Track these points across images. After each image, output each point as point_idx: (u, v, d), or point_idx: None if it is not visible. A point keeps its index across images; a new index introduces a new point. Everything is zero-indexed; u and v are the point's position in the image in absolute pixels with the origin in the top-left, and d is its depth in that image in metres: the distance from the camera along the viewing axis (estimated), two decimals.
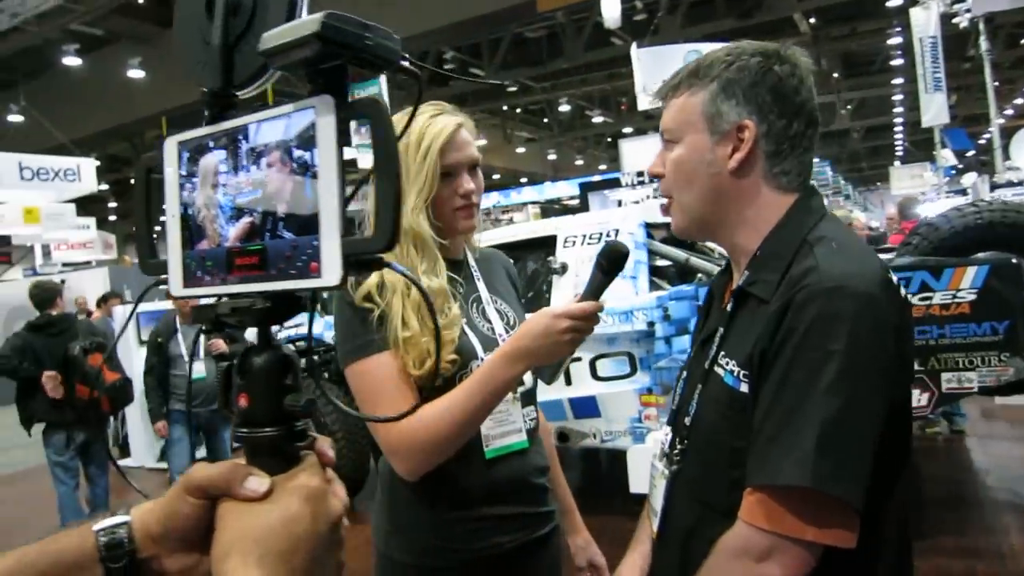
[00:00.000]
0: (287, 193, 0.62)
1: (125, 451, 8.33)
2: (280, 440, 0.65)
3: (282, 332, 6.01)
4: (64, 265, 17.95)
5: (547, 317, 1.34)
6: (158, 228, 0.76)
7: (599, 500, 5.19)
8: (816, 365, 0.98)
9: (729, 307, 1.19)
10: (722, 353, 1.16)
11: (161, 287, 0.72)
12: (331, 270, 0.59)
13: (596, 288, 1.38)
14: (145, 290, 0.78)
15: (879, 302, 1.01)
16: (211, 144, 0.67)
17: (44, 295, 5.32)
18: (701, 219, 1.21)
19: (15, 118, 16.61)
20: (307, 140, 0.60)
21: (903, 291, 1.10)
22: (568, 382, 4.41)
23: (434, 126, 1.51)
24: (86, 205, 16.54)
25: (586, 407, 4.41)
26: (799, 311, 1.01)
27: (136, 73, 15.46)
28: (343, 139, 0.59)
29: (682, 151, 1.19)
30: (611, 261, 1.39)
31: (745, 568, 1.01)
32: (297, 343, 6.02)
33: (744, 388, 1.09)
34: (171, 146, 0.71)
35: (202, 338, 5.25)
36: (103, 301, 9.63)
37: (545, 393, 4.39)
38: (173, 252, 0.70)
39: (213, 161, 0.67)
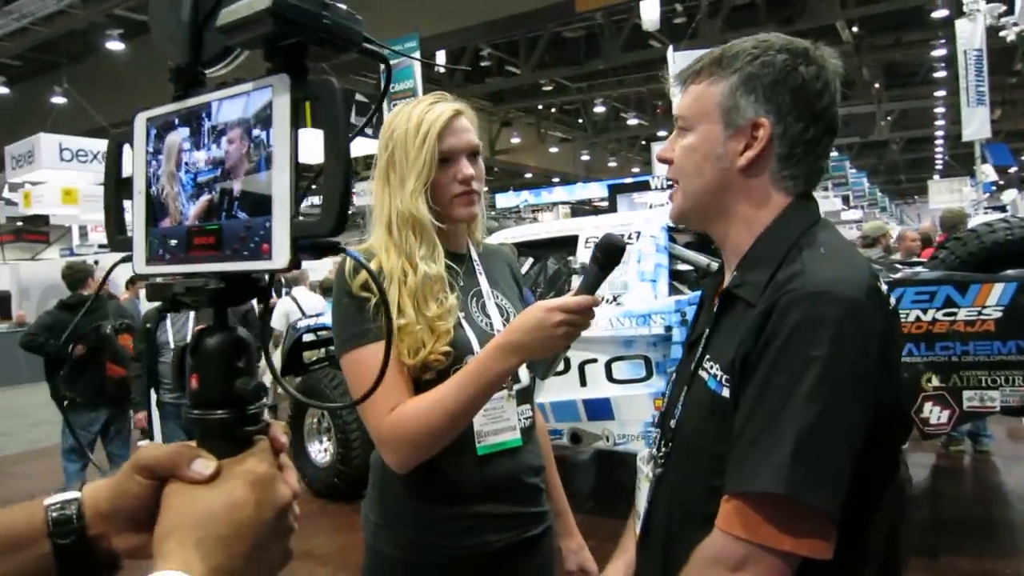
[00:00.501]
0: (243, 173, 0.61)
1: (148, 433, 8.42)
2: (231, 423, 0.65)
3: (302, 321, 6.05)
4: (100, 246, 18.24)
5: (540, 310, 1.32)
6: None
7: (609, 503, 5.19)
8: (796, 371, 0.96)
9: (716, 309, 1.16)
10: (707, 356, 1.14)
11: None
12: (280, 252, 0.58)
13: (591, 282, 1.36)
14: (111, 267, 0.77)
15: (864, 308, 0.98)
16: (176, 121, 0.67)
17: (76, 276, 5.40)
18: (700, 209, 1.18)
19: (58, 100, 16.90)
20: (264, 119, 0.60)
21: (892, 299, 1.07)
22: (583, 383, 4.39)
23: (432, 112, 1.52)
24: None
25: (600, 409, 4.38)
26: (782, 316, 0.99)
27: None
28: (298, 119, 0.58)
29: (693, 140, 1.16)
30: (606, 254, 1.36)
31: None
32: (319, 332, 6.05)
33: (726, 393, 1.06)
34: (140, 122, 0.70)
35: (190, 322, 4.90)
36: (131, 283, 9.77)
37: (560, 394, 4.40)
38: (138, 229, 0.69)
39: (177, 138, 0.67)
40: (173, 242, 0.66)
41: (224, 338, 0.65)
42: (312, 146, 0.60)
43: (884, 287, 1.05)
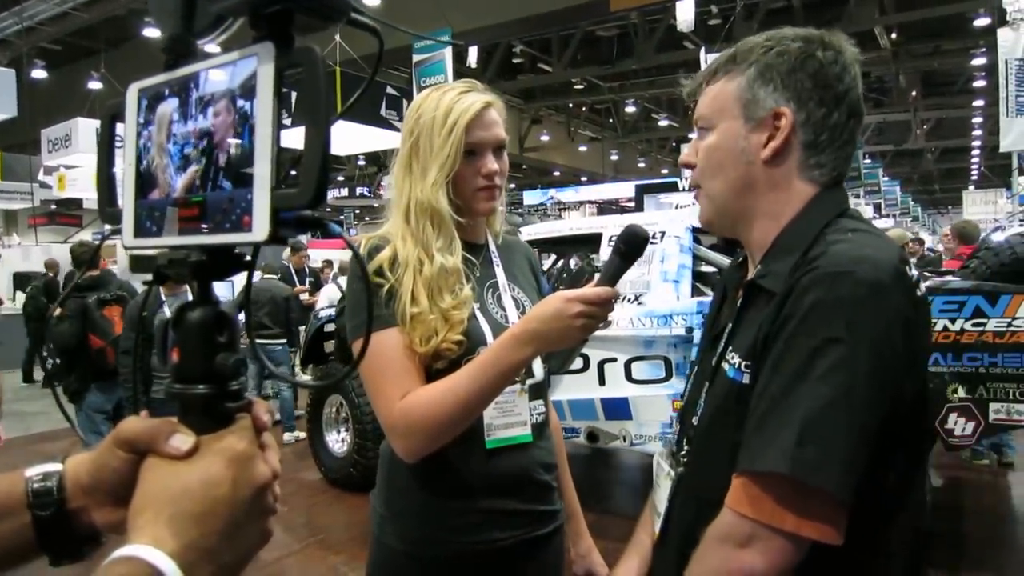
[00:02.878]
0: (228, 143, 0.60)
1: None
2: (211, 399, 0.63)
3: (323, 311, 6.09)
4: None
5: (559, 300, 1.29)
6: None
7: (624, 503, 5.17)
8: (810, 352, 0.93)
9: (739, 302, 1.13)
10: (729, 348, 1.11)
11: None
12: (260, 225, 0.56)
13: (613, 273, 1.33)
14: (103, 239, 0.77)
15: (887, 291, 0.95)
16: (167, 92, 0.66)
17: (82, 255, 5.40)
18: (727, 210, 1.16)
19: (94, 85, 17.11)
20: (249, 89, 0.58)
21: (921, 286, 1.03)
22: (602, 382, 4.37)
23: (462, 102, 1.48)
24: None
25: (618, 409, 4.36)
26: (800, 296, 0.96)
27: (213, 49, 15.71)
28: (282, 88, 0.56)
29: (715, 138, 1.14)
30: (629, 245, 1.33)
31: (727, 553, 0.97)
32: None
33: (746, 380, 1.04)
34: (132, 93, 0.69)
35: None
36: None
37: (578, 392, 4.38)
38: (127, 202, 0.69)
39: (167, 109, 0.66)
40: (160, 215, 0.65)
41: (206, 312, 0.63)
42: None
43: (913, 272, 1.02)
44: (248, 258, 0.65)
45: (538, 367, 1.60)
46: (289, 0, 0.55)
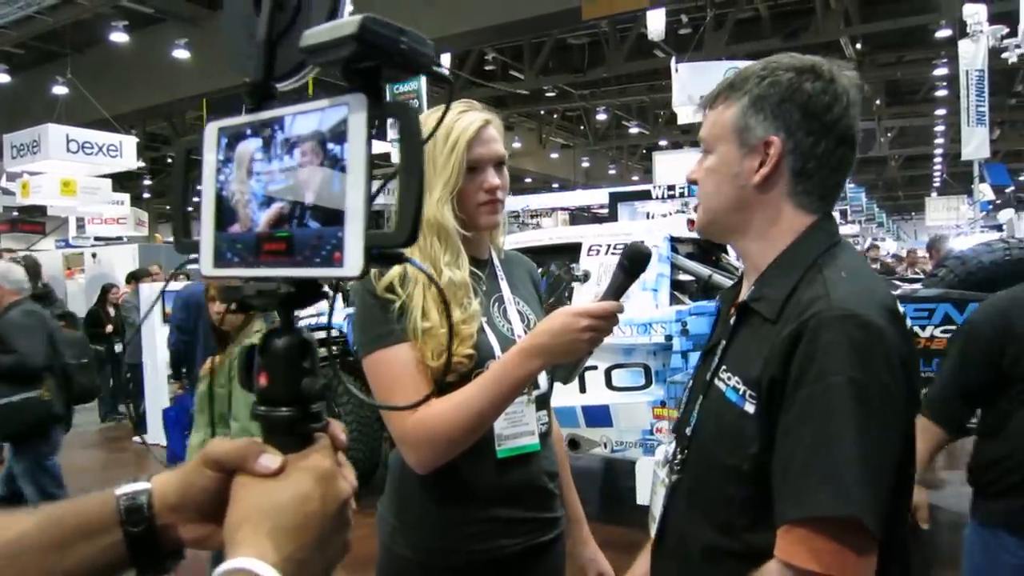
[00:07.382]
0: (316, 184, 0.64)
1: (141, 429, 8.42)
2: (295, 420, 0.68)
3: (303, 321, 6.10)
4: (96, 239, 18.20)
5: (566, 315, 1.35)
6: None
7: (609, 510, 5.23)
8: (837, 396, 0.98)
9: (732, 320, 1.21)
10: (723, 367, 1.18)
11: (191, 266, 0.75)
12: (353, 261, 0.61)
13: (617, 288, 1.40)
14: (178, 267, 0.81)
15: (888, 332, 1.02)
16: (249, 132, 0.70)
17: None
18: (722, 222, 1.25)
19: (60, 90, 16.86)
20: (339, 135, 0.63)
21: (908, 322, 1.12)
22: (583, 390, 4.43)
23: (462, 121, 1.54)
24: (121, 181, 16.80)
25: (598, 416, 4.42)
26: (813, 338, 1.02)
27: (181, 53, 15.56)
28: (372, 136, 0.62)
29: (713, 161, 1.23)
30: (633, 262, 1.40)
31: None
32: (317, 331, 6.07)
33: (749, 408, 1.09)
34: (211, 131, 0.74)
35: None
36: (132, 279, 9.83)
37: (558, 400, 4.41)
38: (206, 233, 0.73)
39: (249, 148, 0.70)
40: (242, 247, 0.70)
41: (292, 339, 0.68)
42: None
43: (902, 309, 1.10)
44: (327, 289, 0.70)
45: (543, 379, 1.66)
46: (382, 56, 0.60)
